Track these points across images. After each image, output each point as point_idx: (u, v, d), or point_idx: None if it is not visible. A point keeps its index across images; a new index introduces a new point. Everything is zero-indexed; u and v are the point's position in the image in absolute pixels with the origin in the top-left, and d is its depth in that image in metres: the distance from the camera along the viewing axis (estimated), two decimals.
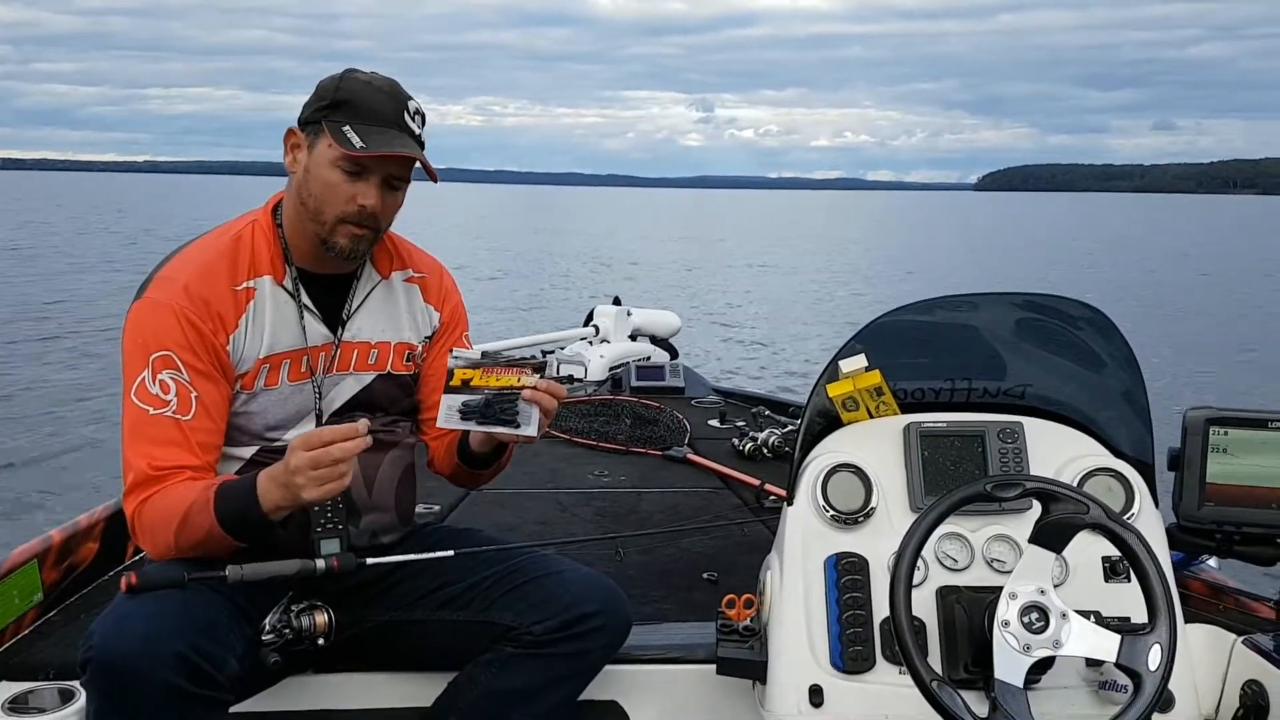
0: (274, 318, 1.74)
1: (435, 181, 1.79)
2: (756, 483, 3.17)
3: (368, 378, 1.84)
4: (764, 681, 1.73)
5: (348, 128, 1.68)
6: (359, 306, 1.84)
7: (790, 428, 3.74)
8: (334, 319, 1.81)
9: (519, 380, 1.68)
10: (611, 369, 5.02)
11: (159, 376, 1.65)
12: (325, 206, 1.71)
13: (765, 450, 3.60)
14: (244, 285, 1.73)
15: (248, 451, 1.76)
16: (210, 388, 1.68)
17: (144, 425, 1.64)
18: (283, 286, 1.76)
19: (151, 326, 1.67)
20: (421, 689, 1.86)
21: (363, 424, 1.58)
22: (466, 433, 1.78)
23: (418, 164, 1.76)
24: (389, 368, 1.86)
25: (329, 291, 1.81)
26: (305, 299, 1.78)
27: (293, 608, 1.68)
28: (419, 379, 1.93)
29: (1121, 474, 1.80)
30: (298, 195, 1.74)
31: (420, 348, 1.92)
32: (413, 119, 1.74)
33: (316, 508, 1.65)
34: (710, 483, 3.35)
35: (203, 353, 1.67)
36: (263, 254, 1.75)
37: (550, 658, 1.74)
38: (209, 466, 1.69)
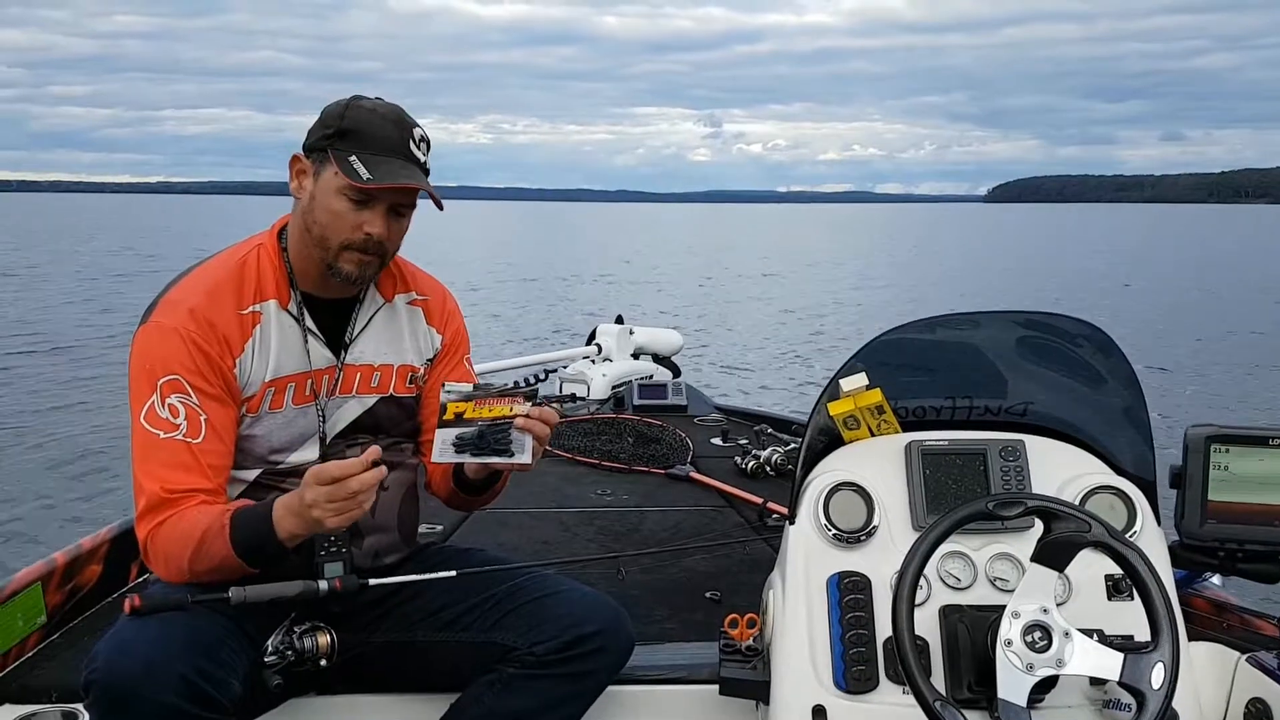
0: (279, 342, 1.75)
1: (441, 209, 1.80)
2: (759, 501, 3.16)
3: (370, 400, 1.85)
4: (767, 702, 1.73)
5: (354, 158, 1.69)
6: (362, 330, 1.85)
7: (793, 445, 3.74)
8: (337, 342, 1.82)
9: (511, 409, 1.71)
10: (614, 388, 5.02)
11: (168, 400, 1.65)
12: (331, 234, 1.72)
13: (768, 468, 3.60)
14: (250, 309, 1.74)
15: (251, 474, 1.77)
16: (219, 410, 1.69)
17: (155, 449, 1.65)
18: (287, 310, 1.77)
19: (158, 351, 1.68)
20: (424, 710, 1.85)
21: (374, 451, 1.57)
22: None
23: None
24: (391, 390, 1.87)
25: (333, 315, 1.82)
26: (309, 323, 1.79)
27: (295, 629, 1.69)
28: (420, 401, 1.94)
29: (1123, 492, 1.80)
30: (303, 221, 1.75)
31: (422, 370, 1.93)
32: (418, 146, 1.75)
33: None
34: (713, 501, 3.34)
35: (210, 375, 1.68)
36: (268, 278, 1.77)
37: (552, 678, 1.74)
38: (221, 489, 1.69)
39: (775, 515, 3.02)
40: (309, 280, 1.79)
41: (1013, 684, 1.45)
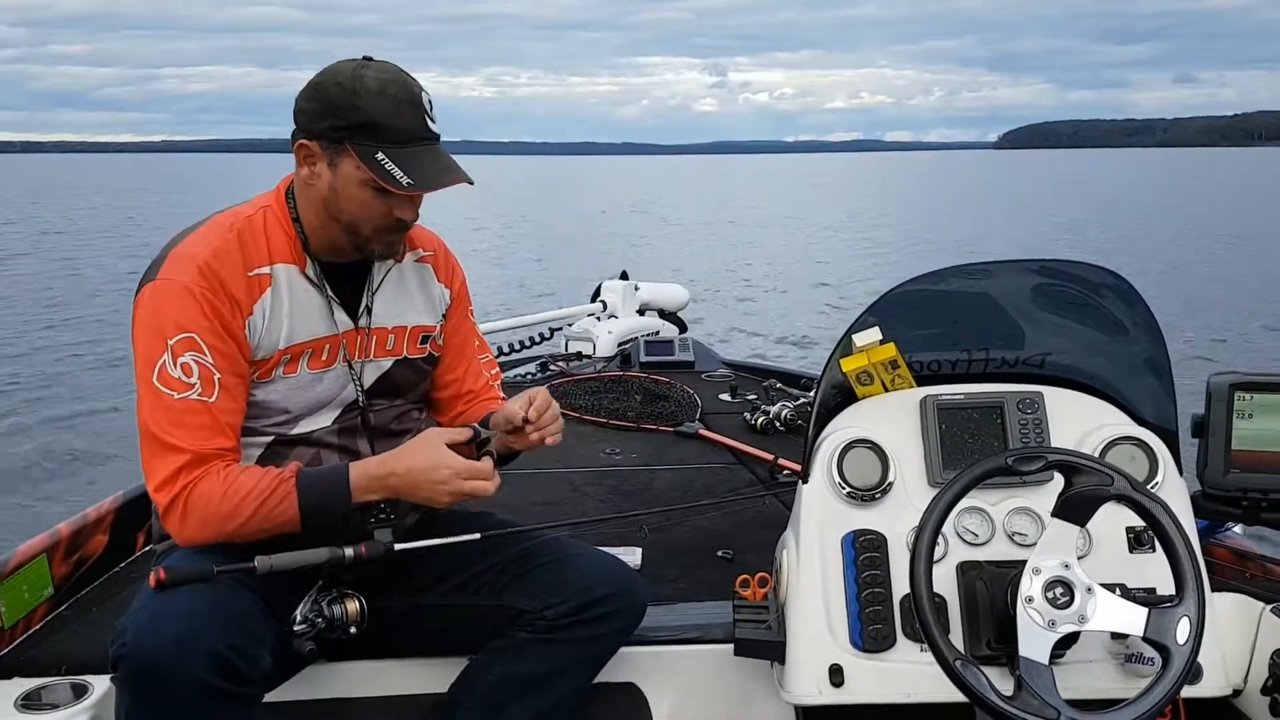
0: (294, 307, 1.71)
1: (471, 185, 1.72)
2: (770, 457, 3.13)
3: (387, 364, 1.83)
4: (783, 662, 1.71)
5: (381, 155, 1.61)
6: (376, 292, 1.81)
7: (802, 400, 3.70)
8: (353, 307, 1.78)
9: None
10: (620, 345, 4.98)
11: (180, 359, 1.59)
12: (361, 223, 1.68)
13: (778, 424, 3.56)
14: (258, 272, 1.68)
15: (264, 440, 1.73)
16: (230, 368, 1.65)
17: (171, 411, 1.60)
18: (305, 276, 1.72)
19: (168, 308, 1.61)
20: (437, 675, 1.84)
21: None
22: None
23: None
24: (405, 352, 1.85)
25: (347, 279, 1.78)
26: (328, 289, 1.75)
27: (320, 597, 1.67)
28: (431, 360, 1.91)
29: (1145, 442, 1.76)
30: (324, 207, 1.69)
31: (437, 328, 1.90)
32: (432, 118, 1.67)
33: None
34: (723, 458, 3.31)
35: (222, 333, 1.63)
36: (279, 242, 1.71)
37: (563, 643, 1.72)
38: (238, 448, 1.67)
39: (786, 471, 2.99)
40: (325, 248, 1.74)
41: (1034, 641, 1.43)
